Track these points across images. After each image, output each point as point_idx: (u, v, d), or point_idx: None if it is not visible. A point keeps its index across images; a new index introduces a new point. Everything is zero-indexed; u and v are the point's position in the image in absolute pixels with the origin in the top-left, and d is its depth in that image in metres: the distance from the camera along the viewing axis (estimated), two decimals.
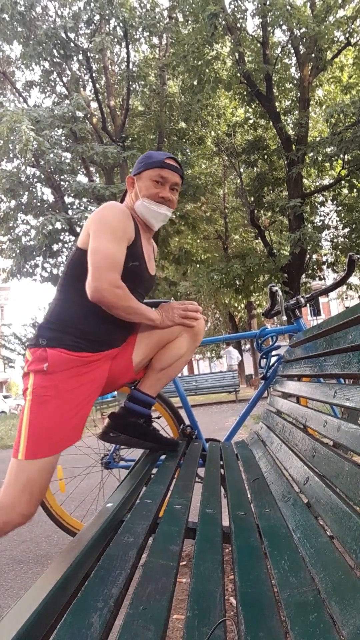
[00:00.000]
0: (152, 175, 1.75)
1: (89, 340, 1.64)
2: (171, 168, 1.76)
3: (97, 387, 1.68)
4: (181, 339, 1.79)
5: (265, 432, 2.04)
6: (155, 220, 1.79)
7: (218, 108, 14.03)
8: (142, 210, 1.77)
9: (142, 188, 1.77)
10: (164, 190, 1.76)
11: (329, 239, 13.85)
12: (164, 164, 1.75)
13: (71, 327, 1.62)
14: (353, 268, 2.60)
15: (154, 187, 1.75)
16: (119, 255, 1.61)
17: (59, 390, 1.55)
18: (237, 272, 11.86)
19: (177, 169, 1.79)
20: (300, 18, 9.88)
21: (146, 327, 1.77)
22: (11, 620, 0.61)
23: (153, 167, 1.75)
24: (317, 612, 0.64)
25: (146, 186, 1.75)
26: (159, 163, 1.75)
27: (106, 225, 1.63)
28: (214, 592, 0.72)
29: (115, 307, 1.57)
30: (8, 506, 1.48)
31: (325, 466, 1.08)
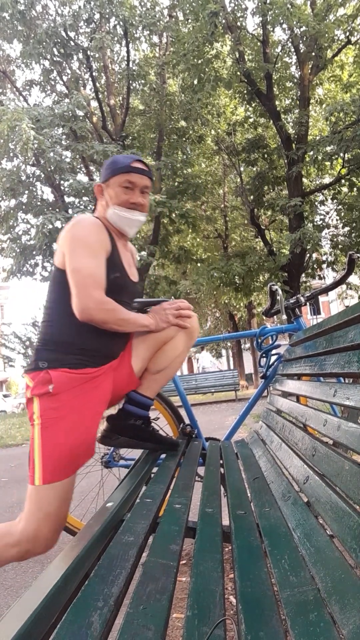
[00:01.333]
0: (120, 182, 1.70)
1: (90, 355, 1.62)
2: (139, 171, 1.71)
3: (104, 402, 1.67)
4: (177, 340, 1.77)
5: (265, 431, 2.04)
6: (129, 227, 1.75)
7: (218, 107, 14.01)
8: (115, 219, 1.72)
9: (111, 196, 1.71)
10: (134, 195, 1.71)
11: (329, 238, 13.83)
12: (131, 169, 1.70)
13: (70, 346, 1.60)
14: (353, 267, 2.60)
15: (124, 193, 1.69)
16: (99, 271, 1.59)
17: (68, 411, 1.54)
18: (237, 271, 11.85)
19: (145, 171, 1.73)
20: (301, 16, 9.86)
21: (141, 332, 1.76)
22: (12, 620, 0.61)
23: (120, 173, 1.69)
24: (317, 611, 0.64)
25: (115, 193, 1.70)
26: (125, 168, 1.69)
27: (81, 242, 1.60)
28: (214, 591, 0.72)
29: (106, 323, 1.56)
30: (31, 534, 1.47)
31: (325, 465, 1.08)
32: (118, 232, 1.76)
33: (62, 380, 1.54)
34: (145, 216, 1.78)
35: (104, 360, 1.67)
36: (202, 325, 25.09)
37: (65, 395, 1.54)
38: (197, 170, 15.04)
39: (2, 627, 0.60)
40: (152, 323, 1.71)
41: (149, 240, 13.61)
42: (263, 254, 12.89)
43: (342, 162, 11.79)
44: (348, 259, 2.54)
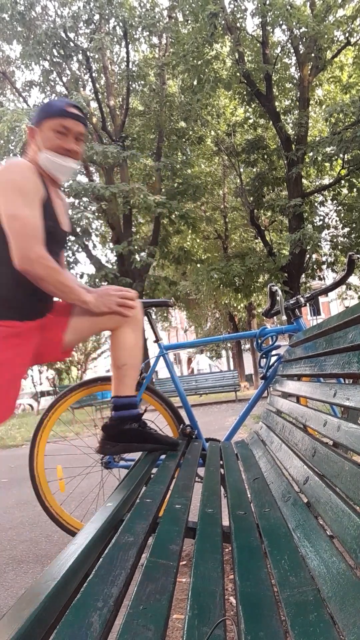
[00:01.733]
0: (53, 126, 1.62)
1: (14, 308, 1.60)
2: (74, 117, 1.64)
3: (27, 361, 1.68)
4: (125, 333, 1.76)
5: (265, 431, 2.04)
6: (61, 174, 1.69)
7: (218, 108, 14.03)
8: (47, 164, 1.65)
9: (44, 139, 1.63)
10: (67, 141, 1.64)
11: (329, 238, 13.84)
12: (65, 113, 1.62)
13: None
14: (353, 268, 2.60)
15: (57, 138, 1.63)
16: (38, 221, 1.53)
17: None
18: (237, 271, 11.86)
19: (80, 117, 1.67)
20: (300, 17, 9.88)
21: (82, 309, 1.70)
22: (11, 620, 0.61)
23: (54, 117, 1.62)
24: (317, 612, 0.64)
25: (48, 137, 1.63)
26: (59, 112, 1.62)
27: (16, 188, 1.53)
28: (214, 591, 0.72)
29: (44, 280, 1.51)
30: None
31: (325, 466, 1.08)
32: (50, 178, 1.69)
33: None
34: (78, 164, 1.72)
35: (30, 315, 1.65)
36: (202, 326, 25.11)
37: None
38: (197, 171, 15.06)
39: (2, 627, 0.60)
40: (91, 302, 1.64)
41: (149, 241, 13.62)
42: (263, 255, 12.91)
43: (341, 163, 11.81)
44: (348, 259, 2.54)
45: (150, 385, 2.43)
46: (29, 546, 2.57)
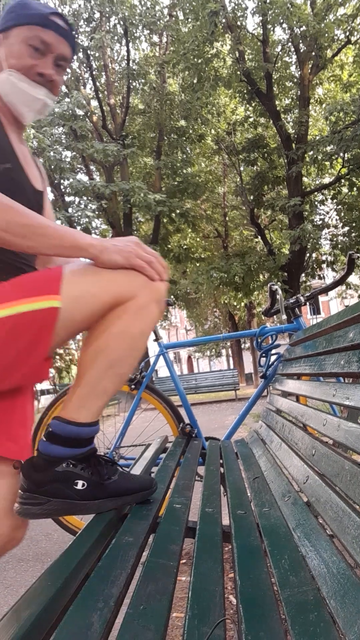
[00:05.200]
0: (27, 36, 1.14)
1: None
2: (59, 30, 1.16)
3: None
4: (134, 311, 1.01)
5: (265, 430, 2.04)
6: (26, 107, 1.18)
7: (218, 106, 14.02)
8: (8, 89, 1.15)
9: (9, 54, 1.15)
10: (44, 63, 1.16)
11: (329, 237, 13.84)
12: (47, 22, 1.14)
13: None
14: (353, 267, 2.60)
15: (29, 55, 1.14)
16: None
17: None
18: (237, 270, 11.86)
19: (67, 33, 1.18)
20: (301, 16, 9.85)
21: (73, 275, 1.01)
22: (11, 620, 0.61)
23: (30, 24, 1.14)
24: (317, 611, 0.64)
25: (16, 52, 1.14)
26: (40, 19, 1.14)
27: None
28: (214, 591, 0.72)
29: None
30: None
31: (325, 465, 1.08)
32: (8, 111, 1.19)
33: None
34: (53, 99, 1.21)
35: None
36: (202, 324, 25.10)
37: None
38: (197, 170, 15.05)
39: (3, 627, 0.60)
40: (94, 246, 0.99)
41: (149, 240, 13.62)
42: (263, 254, 12.90)
43: (341, 162, 11.80)
44: (348, 258, 2.53)
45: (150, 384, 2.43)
46: (29, 544, 2.57)
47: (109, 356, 1.01)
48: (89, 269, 1.01)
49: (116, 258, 1.00)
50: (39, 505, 1.00)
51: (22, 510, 1.00)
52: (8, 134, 1.17)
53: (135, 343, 1.03)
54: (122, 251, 1.00)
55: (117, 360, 1.02)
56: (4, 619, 0.63)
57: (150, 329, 1.07)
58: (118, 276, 1.00)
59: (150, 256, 1.04)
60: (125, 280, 1.00)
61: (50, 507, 1.00)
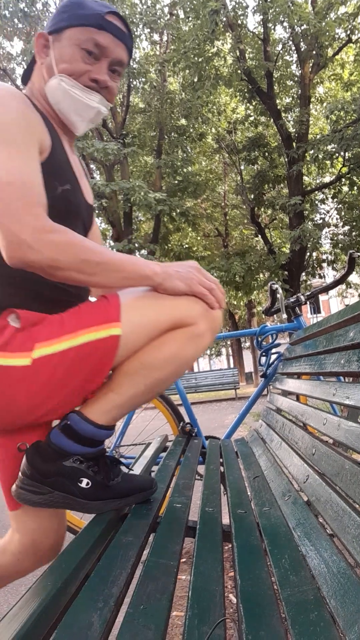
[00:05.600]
0: (81, 39, 1.05)
1: None
2: (117, 33, 1.07)
3: None
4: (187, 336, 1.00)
5: (265, 429, 2.04)
6: (79, 116, 1.10)
7: (219, 105, 14.01)
8: (59, 96, 1.07)
9: (60, 57, 1.06)
10: (98, 68, 1.08)
11: (329, 236, 13.84)
12: (104, 23, 1.05)
13: None
14: (353, 266, 2.60)
15: (83, 60, 1.06)
16: (33, 175, 0.93)
17: None
18: (237, 269, 11.86)
19: (124, 35, 1.09)
20: (302, 15, 9.84)
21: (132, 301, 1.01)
22: (11, 620, 0.61)
23: (85, 25, 1.05)
24: (318, 611, 0.64)
25: (69, 55, 1.06)
26: (96, 19, 1.04)
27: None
28: (214, 590, 0.72)
29: (60, 267, 0.90)
30: None
31: (325, 464, 1.08)
32: (60, 121, 1.12)
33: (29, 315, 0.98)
34: (108, 108, 1.13)
35: None
36: None
37: None
38: (198, 169, 15.04)
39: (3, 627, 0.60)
40: (158, 274, 0.98)
41: (149, 239, 13.61)
42: (263, 253, 12.90)
43: (342, 161, 11.80)
44: (348, 257, 2.53)
45: None
46: None
47: (153, 375, 1.01)
48: (149, 296, 1.00)
49: (178, 285, 0.99)
50: (40, 495, 0.98)
51: (22, 496, 0.99)
52: (64, 148, 1.11)
53: (182, 368, 1.04)
54: (184, 278, 1.00)
55: (160, 380, 1.03)
56: (4, 618, 0.63)
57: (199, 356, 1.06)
58: (179, 302, 1.00)
59: (211, 283, 1.03)
60: (186, 307, 1.00)
61: (52, 499, 0.99)
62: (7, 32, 12.09)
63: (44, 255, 0.88)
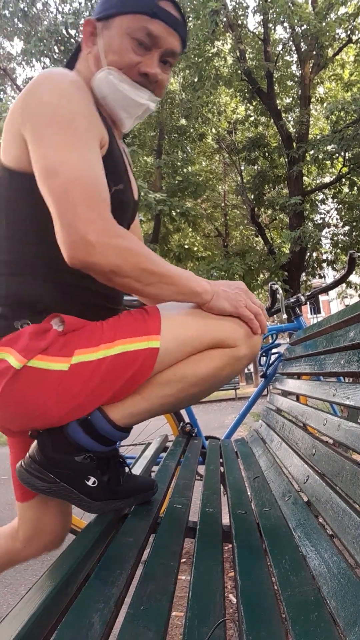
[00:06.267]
0: (132, 28, 0.98)
1: None
2: (169, 21, 0.99)
3: None
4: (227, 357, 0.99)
5: (265, 430, 2.04)
6: (126, 112, 1.05)
7: (219, 105, 14.01)
8: (106, 90, 1.01)
9: (110, 47, 1.00)
10: (149, 60, 1.00)
11: (329, 236, 13.84)
12: (158, 11, 0.97)
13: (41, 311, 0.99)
14: (353, 266, 2.60)
15: (133, 50, 0.99)
16: (99, 171, 0.90)
17: None
18: (237, 269, 11.86)
19: (178, 23, 1.01)
20: (302, 15, 9.84)
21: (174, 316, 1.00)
22: (12, 621, 0.61)
23: (137, 13, 0.97)
24: (318, 611, 0.64)
25: (119, 45, 0.99)
26: (148, 6, 0.97)
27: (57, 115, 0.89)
28: (214, 591, 0.72)
29: (121, 273, 0.89)
30: None
31: (325, 465, 1.08)
32: (109, 116, 1.07)
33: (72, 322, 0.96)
34: (156, 103, 1.07)
35: None
36: None
37: None
38: (198, 169, 15.04)
39: (3, 628, 0.59)
40: (207, 292, 0.98)
41: (149, 239, 13.61)
42: (263, 253, 12.91)
43: (342, 161, 11.79)
44: (348, 258, 2.53)
45: None
46: None
47: (185, 389, 1.00)
48: (193, 313, 1.00)
49: (224, 305, 0.98)
50: (45, 482, 0.96)
51: (26, 479, 0.97)
52: (118, 144, 1.06)
53: (214, 387, 1.03)
54: (231, 299, 0.99)
55: (191, 395, 1.02)
56: (4, 619, 0.63)
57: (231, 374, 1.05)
58: (223, 323, 0.99)
59: (257, 307, 1.02)
60: (230, 329, 0.99)
61: (55, 489, 0.97)
62: (7, 32, 12.09)
63: (107, 259, 0.86)
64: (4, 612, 1.76)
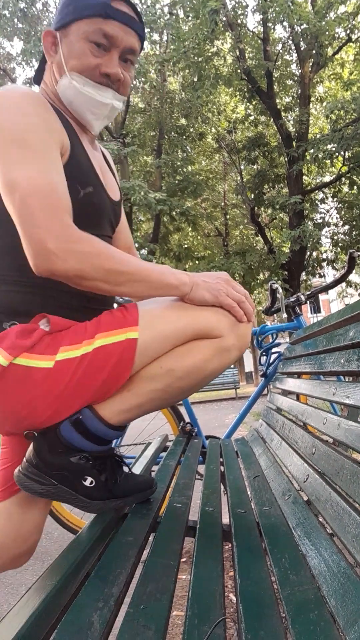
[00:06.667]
0: (88, 31, 1.01)
1: None
2: (123, 19, 1.02)
3: None
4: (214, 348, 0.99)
5: (265, 429, 2.04)
6: (93, 114, 1.07)
7: (218, 104, 14.01)
8: (71, 95, 1.05)
9: (69, 54, 1.03)
10: (108, 60, 1.03)
11: (329, 236, 13.84)
12: (110, 11, 1.00)
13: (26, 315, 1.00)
14: (353, 265, 2.60)
15: (92, 53, 1.02)
16: (55, 180, 0.91)
17: None
18: (237, 269, 11.87)
19: (133, 21, 1.04)
20: (301, 14, 9.83)
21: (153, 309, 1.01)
22: (12, 620, 0.61)
23: (90, 17, 1.00)
24: (318, 610, 0.64)
25: (78, 51, 1.02)
26: (101, 7, 0.99)
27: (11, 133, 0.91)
28: (214, 590, 0.72)
29: (86, 277, 0.90)
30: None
31: (325, 464, 1.08)
32: (76, 119, 1.10)
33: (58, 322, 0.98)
34: (121, 101, 1.09)
35: None
36: None
37: None
38: (198, 168, 15.04)
39: (3, 627, 0.60)
40: (185, 284, 0.98)
41: (149, 238, 13.61)
42: (263, 252, 12.91)
43: (342, 160, 11.80)
44: (348, 257, 2.53)
45: None
46: None
47: (172, 383, 0.99)
48: (174, 305, 1.00)
49: (205, 295, 0.98)
50: (43, 486, 0.97)
51: (25, 484, 0.97)
52: (83, 146, 1.08)
53: (204, 380, 1.02)
54: (211, 288, 0.99)
55: (180, 389, 1.01)
56: (4, 618, 0.63)
57: (223, 371, 1.04)
58: (204, 313, 0.98)
59: (240, 295, 1.01)
60: (212, 319, 0.98)
61: (55, 491, 0.97)
62: (7, 32, 12.08)
63: (69, 264, 0.88)
64: (4, 612, 1.76)
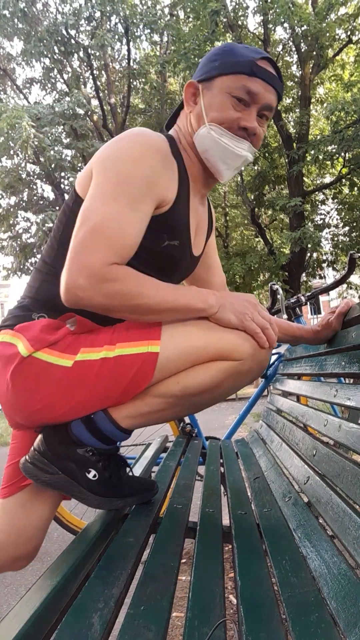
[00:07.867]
0: (231, 87, 1.05)
1: None
2: (266, 78, 1.06)
3: None
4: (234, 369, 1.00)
5: (265, 430, 2.04)
6: (225, 164, 1.10)
7: None
8: (207, 144, 1.08)
9: (211, 105, 1.07)
10: (247, 115, 1.07)
11: (330, 237, 13.84)
12: (256, 70, 1.04)
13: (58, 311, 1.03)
14: (353, 267, 2.60)
15: (233, 107, 1.06)
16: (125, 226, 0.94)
17: None
18: (238, 270, 11.86)
19: (275, 80, 1.08)
20: (302, 15, 9.84)
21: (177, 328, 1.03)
22: (12, 621, 0.61)
23: (236, 73, 1.04)
24: (318, 612, 0.63)
25: (219, 104, 1.06)
26: (248, 66, 1.04)
27: (117, 170, 0.97)
28: (214, 592, 0.72)
29: (112, 311, 0.95)
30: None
31: (325, 465, 1.08)
32: (201, 172, 1.14)
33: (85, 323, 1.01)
34: (254, 154, 1.14)
35: None
36: None
37: None
38: None
39: (3, 628, 0.59)
40: (212, 306, 1.00)
41: None
42: (263, 253, 12.90)
43: (342, 162, 11.79)
44: (349, 258, 2.53)
45: None
46: None
47: (188, 399, 1.02)
48: (199, 323, 1.01)
49: (231, 318, 1.00)
50: (47, 474, 1.00)
51: (30, 471, 1.00)
52: (189, 200, 1.12)
53: (217, 399, 1.06)
54: (237, 312, 1.00)
55: (193, 404, 1.06)
56: (4, 618, 0.63)
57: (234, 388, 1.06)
58: (228, 335, 1.00)
59: (265, 321, 1.01)
60: (235, 342, 1.00)
61: (58, 480, 1.00)
62: (7, 32, 12.09)
63: (93, 301, 0.92)
64: (4, 612, 1.76)
